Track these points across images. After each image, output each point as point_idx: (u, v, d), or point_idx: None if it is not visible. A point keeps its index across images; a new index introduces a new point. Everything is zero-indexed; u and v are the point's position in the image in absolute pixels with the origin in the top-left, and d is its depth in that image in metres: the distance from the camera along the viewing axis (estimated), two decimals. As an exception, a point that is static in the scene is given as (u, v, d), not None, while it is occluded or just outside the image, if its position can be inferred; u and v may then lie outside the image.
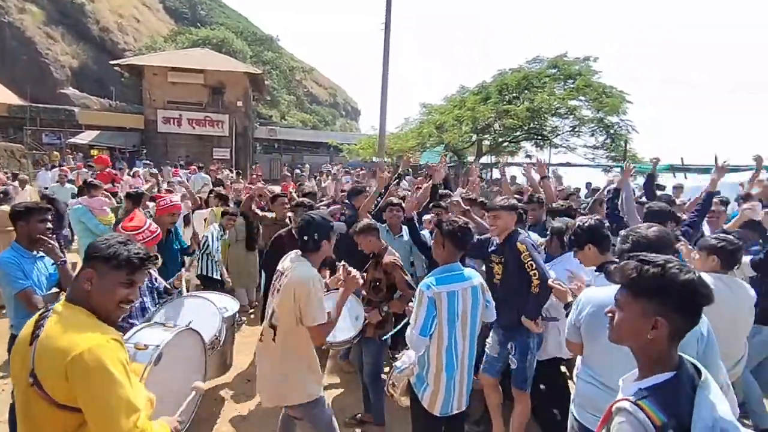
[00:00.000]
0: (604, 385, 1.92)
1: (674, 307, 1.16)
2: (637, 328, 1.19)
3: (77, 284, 1.47)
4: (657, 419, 1.05)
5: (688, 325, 1.18)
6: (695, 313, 1.18)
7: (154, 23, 39.69)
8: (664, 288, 1.16)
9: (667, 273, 1.17)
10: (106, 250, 1.47)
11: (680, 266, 1.18)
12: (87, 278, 1.45)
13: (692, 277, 1.16)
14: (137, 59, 24.91)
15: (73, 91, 27.74)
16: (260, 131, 28.33)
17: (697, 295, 1.15)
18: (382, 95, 13.60)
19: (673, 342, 1.17)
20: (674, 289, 1.15)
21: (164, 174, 10.60)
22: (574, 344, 2.12)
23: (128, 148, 22.55)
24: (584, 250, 2.47)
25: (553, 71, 14.67)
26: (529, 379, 3.05)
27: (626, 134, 14.11)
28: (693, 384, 1.12)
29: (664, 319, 1.15)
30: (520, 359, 3.01)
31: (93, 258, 1.48)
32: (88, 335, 1.34)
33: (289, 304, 2.30)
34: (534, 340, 3.02)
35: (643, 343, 1.19)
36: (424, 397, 2.48)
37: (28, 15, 29.53)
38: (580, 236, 2.48)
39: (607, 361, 1.90)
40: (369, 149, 17.85)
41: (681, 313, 1.16)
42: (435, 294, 2.36)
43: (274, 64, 37.97)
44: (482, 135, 15.38)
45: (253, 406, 3.70)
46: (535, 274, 2.89)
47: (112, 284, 1.46)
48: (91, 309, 1.44)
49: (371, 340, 3.32)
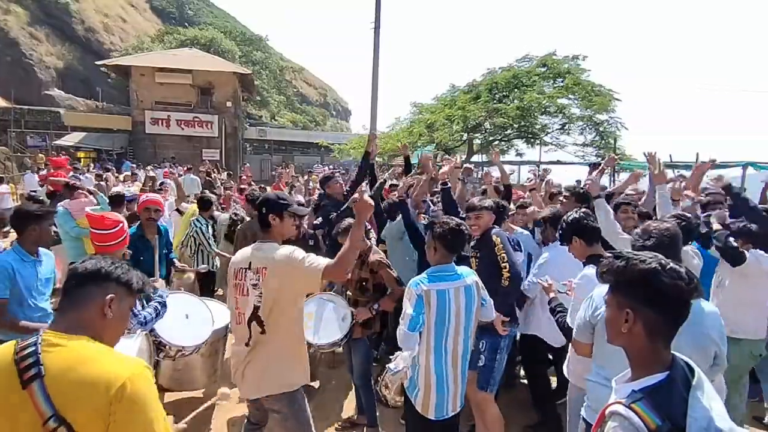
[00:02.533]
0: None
1: (640, 298, 1.16)
2: (615, 323, 1.20)
3: (89, 310, 1.29)
4: (651, 422, 1.03)
5: (666, 319, 1.15)
6: (668, 306, 1.15)
7: (140, 23, 39.23)
8: (627, 279, 1.18)
9: (629, 264, 1.18)
10: (124, 275, 1.35)
11: (645, 258, 1.18)
12: (109, 304, 1.30)
13: (652, 267, 1.15)
14: (124, 60, 24.59)
15: (59, 93, 27.32)
16: (250, 132, 28.16)
17: (662, 285, 1.13)
18: (373, 95, 13.55)
19: (655, 339, 1.15)
20: (634, 280, 1.16)
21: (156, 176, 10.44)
22: (583, 345, 2.05)
23: (116, 150, 22.25)
24: (572, 243, 2.57)
25: (542, 70, 14.77)
26: (494, 381, 2.97)
27: (615, 131, 14.27)
28: (687, 384, 1.10)
29: (632, 311, 1.15)
30: (488, 357, 2.95)
31: (112, 281, 1.33)
32: (122, 363, 1.21)
33: (280, 289, 2.22)
34: (505, 340, 2.98)
35: (625, 339, 1.19)
36: (416, 401, 2.44)
37: (11, 15, 29.00)
38: (566, 230, 2.59)
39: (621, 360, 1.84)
40: (360, 149, 17.81)
41: (648, 305, 1.15)
42: (424, 291, 2.33)
43: (264, 64, 37.79)
44: (473, 134, 15.44)
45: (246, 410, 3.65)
46: (506, 267, 2.90)
47: (127, 310, 1.38)
48: (98, 338, 1.27)
49: (359, 341, 3.28)
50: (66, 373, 1.16)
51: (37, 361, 1.16)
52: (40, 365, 1.15)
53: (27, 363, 1.16)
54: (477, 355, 3.01)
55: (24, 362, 1.16)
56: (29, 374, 1.14)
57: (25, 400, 1.13)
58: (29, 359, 1.16)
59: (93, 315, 1.28)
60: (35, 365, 1.15)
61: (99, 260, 1.36)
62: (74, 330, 1.24)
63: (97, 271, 1.32)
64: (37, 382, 1.14)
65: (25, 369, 1.15)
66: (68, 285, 1.32)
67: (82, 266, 1.33)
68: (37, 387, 1.13)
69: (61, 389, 1.14)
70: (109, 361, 1.20)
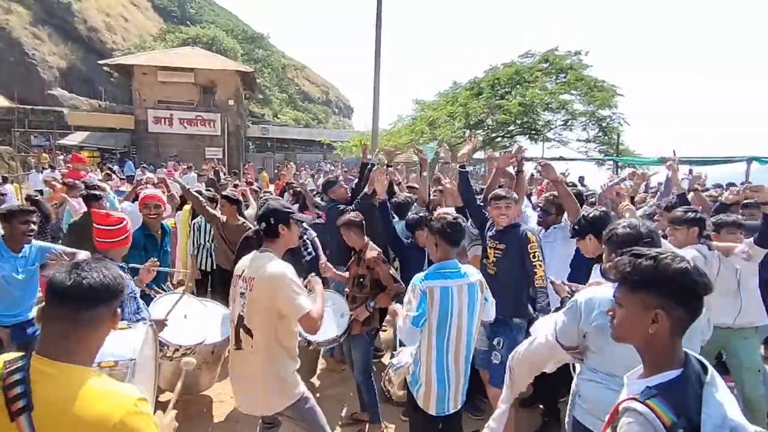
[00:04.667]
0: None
1: (671, 298, 1.14)
2: (638, 323, 1.17)
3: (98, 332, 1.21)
4: (667, 419, 1.03)
5: (689, 317, 1.15)
6: (694, 304, 1.15)
7: (142, 22, 39.24)
8: (659, 279, 1.14)
9: (660, 264, 1.15)
10: (123, 285, 1.26)
11: (673, 256, 1.16)
12: (115, 320, 1.24)
13: (686, 266, 1.14)
14: (126, 59, 24.63)
15: (62, 92, 27.40)
16: (253, 130, 28.18)
17: (694, 284, 1.13)
18: (375, 92, 13.53)
19: (676, 336, 1.15)
20: (668, 279, 1.13)
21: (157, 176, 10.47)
22: (575, 350, 1.99)
23: (118, 149, 22.33)
24: (585, 239, 2.55)
25: (544, 65, 14.70)
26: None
27: (618, 127, 14.19)
28: (700, 381, 1.10)
29: (663, 311, 1.13)
30: (505, 354, 2.90)
31: (119, 294, 1.24)
32: (115, 400, 1.13)
33: (263, 304, 2.18)
34: (522, 336, 2.95)
35: (646, 339, 1.17)
36: (418, 396, 2.45)
37: (13, 15, 29.05)
38: (583, 226, 2.55)
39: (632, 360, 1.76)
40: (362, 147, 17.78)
41: (679, 304, 1.14)
42: (427, 288, 2.33)
43: (266, 62, 37.78)
44: (475, 130, 15.39)
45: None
46: (541, 267, 2.90)
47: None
48: (90, 356, 1.20)
49: (359, 337, 3.28)
50: (55, 410, 1.09)
51: (26, 392, 1.08)
52: (28, 397, 1.08)
53: (15, 393, 1.08)
54: (491, 353, 3.02)
55: (11, 391, 1.08)
56: (17, 406, 1.07)
57: (14, 430, 1.07)
58: (17, 388, 1.08)
59: (99, 336, 1.21)
60: (23, 396, 1.08)
61: (95, 272, 1.21)
62: (66, 356, 1.15)
63: (105, 289, 1.20)
64: (25, 416, 1.07)
65: (13, 399, 1.08)
66: (66, 305, 1.17)
67: (87, 283, 1.17)
68: (25, 421, 1.07)
69: (50, 427, 1.08)
70: (102, 399, 1.12)
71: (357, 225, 3.35)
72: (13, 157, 17.68)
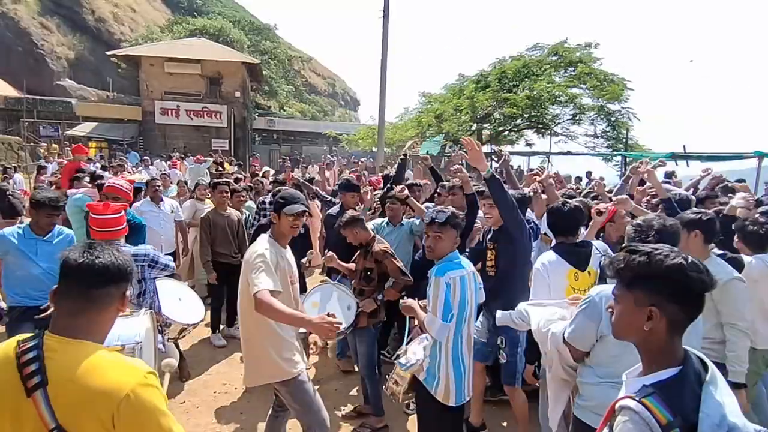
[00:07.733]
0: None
1: (665, 294, 1.11)
2: (633, 320, 1.15)
3: (108, 312, 1.24)
4: (663, 417, 1.01)
5: (687, 315, 1.12)
6: (691, 301, 1.12)
7: (150, 13, 39.21)
8: (652, 275, 1.13)
9: (654, 259, 1.13)
10: (132, 266, 1.29)
11: (668, 252, 1.14)
12: (124, 301, 1.28)
13: (680, 261, 1.11)
14: (134, 50, 24.61)
15: (70, 83, 27.51)
16: (259, 122, 28.14)
17: (689, 281, 1.10)
18: (381, 85, 13.45)
19: (674, 334, 1.13)
20: (661, 276, 1.11)
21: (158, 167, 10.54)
22: (581, 352, 1.95)
23: (126, 140, 22.42)
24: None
25: (553, 58, 14.53)
26: (518, 374, 3.03)
27: (627, 122, 14.02)
28: (699, 379, 1.08)
29: (657, 308, 1.11)
30: (510, 353, 2.98)
31: (129, 276, 1.27)
32: (126, 372, 1.16)
33: (244, 281, 2.36)
34: (523, 332, 2.95)
35: (643, 336, 1.15)
36: (437, 392, 2.41)
37: (22, 5, 29.13)
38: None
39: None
40: (368, 139, 17.76)
41: (674, 301, 1.11)
42: (451, 279, 2.35)
43: (272, 53, 37.58)
44: (482, 124, 15.29)
45: (247, 396, 3.71)
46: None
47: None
48: (102, 336, 1.24)
49: (365, 330, 3.29)
50: (68, 383, 1.12)
51: (40, 368, 1.12)
52: (43, 373, 1.12)
53: (30, 369, 1.12)
54: (496, 351, 3.05)
55: (27, 368, 1.12)
56: (32, 382, 1.11)
57: (31, 407, 1.11)
58: (32, 365, 1.12)
59: (108, 317, 1.24)
60: (38, 373, 1.12)
61: (107, 253, 1.24)
62: (77, 333, 1.18)
63: (116, 270, 1.23)
64: (40, 392, 1.11)
65: (29, 376, 1.11)
66: (78, 284, 1.21)
67: (99, 263, 1.21)
68: (40, 396, 1.11)
69: (64, 400, 1.12)
70: (113, 371, 1.15)
71: (358, 220, 3.37)
72: (23, 147, 17.84)
